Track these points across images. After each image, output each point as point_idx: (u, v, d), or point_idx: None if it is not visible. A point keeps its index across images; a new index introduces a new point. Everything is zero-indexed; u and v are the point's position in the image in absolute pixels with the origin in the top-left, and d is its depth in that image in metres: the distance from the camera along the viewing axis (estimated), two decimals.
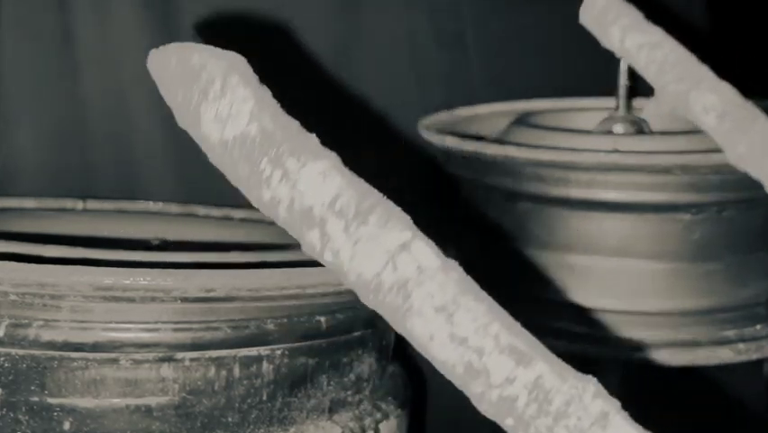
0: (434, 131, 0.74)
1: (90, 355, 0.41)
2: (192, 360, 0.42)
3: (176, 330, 0.41)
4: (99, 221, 0.68)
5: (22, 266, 0.39)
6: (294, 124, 0.32)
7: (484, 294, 0.29)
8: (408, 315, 0.28)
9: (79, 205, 0.73)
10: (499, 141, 0.73)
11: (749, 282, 0.64)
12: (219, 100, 0.32)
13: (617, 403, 0.26)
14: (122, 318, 0.41)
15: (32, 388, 0.41)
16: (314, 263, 0.50)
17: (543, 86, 0.87)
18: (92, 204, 0.74)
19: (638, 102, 0.77)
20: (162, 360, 0.42)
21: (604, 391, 0.27)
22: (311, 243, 0.30)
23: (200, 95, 0.32)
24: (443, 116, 0.82)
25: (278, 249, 0.54)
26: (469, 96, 0.90)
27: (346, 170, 0.31)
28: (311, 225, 0.30)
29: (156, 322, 0.41)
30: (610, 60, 0.71)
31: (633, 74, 0.74)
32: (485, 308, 0.28)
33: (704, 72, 0.52)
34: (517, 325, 0.28)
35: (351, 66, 0.88)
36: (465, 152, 0.68)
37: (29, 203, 0.73)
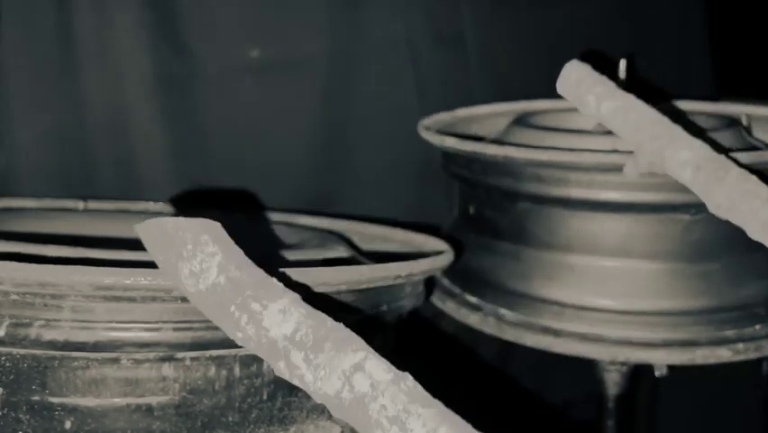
0: (434, 131, 0.74)
1: (91, 355, 0.41)
2: (192, 359, 0.42)
3: (176, 330, 0.41)
4: (100, 221, 0.68)
5: (24, 266, 0.39)
6: (258, 272, 0.38)
7: (433, 400, 0.32)
8: (369, 426, 0.32)
9: (80, 205, 0.73)
10: (499, 141, 0.73)
11: (748, 282, 0.64)
12: (192, 259, 0.38)
13: None
14: (122, 318, 0.41)
15: (34, 387, 0.41)
16: (313, 263, 0.50)
17: (542, 86, 0.87)
18: (93, 204, 0.74)
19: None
20: (163, 359, 0.42)
21: None
22: (281, 370, 0.36)
23: (176, 255, 0.38)
24: (442, 117, 0.82)
25: (278, 249, 0.54)
26: (468, 97, 0.90)
27: (304, 305, 0.36)
28: (278, 357, 0.36)
29: (157, 322, 0.41)
30: (610, 61, 0.71)
31: (632, 74, 0.75)
32: (434, 412, 0.32)
33: (677, 131, 0.56)
34: (466, 424, 0.31)
35: (350, 66, 0.88)
36: (465, 152, 0.68)
37: (30, 203, 0.73)
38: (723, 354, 0.61)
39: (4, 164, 0.79)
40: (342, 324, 0.36)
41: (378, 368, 0.34)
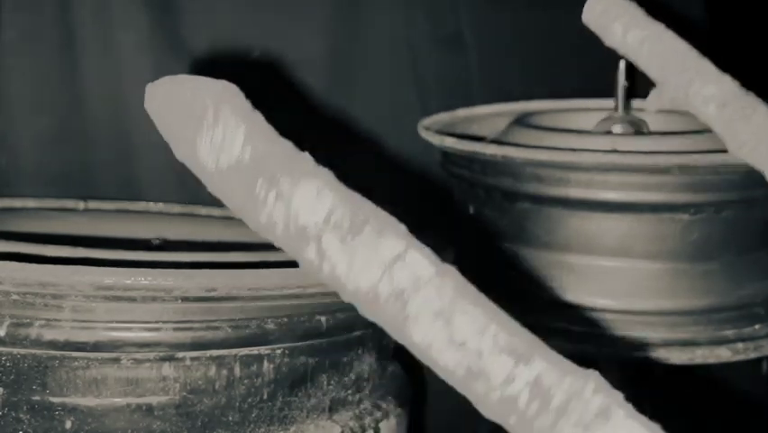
0: (434, 132, 0.74)
1: (91, 355, 0.41)
2: (193, 359, 0.42)
3: (177, 330, 0.41)
4: (100, 221, 0.68)
5: (24, 266, 0.39)
6: (287, 145, 0.32)
7: (481, 296, 0.29)
8: (406, 323, 0.29)
9: (80, 205, 0.73)
10: (498, 141, 0.73)
11: (747, 282, 0.64)
12: (212, 129, 0.32)
13: (619, 396, 0.26)
14: (123, 318, 0.41)
15: (34, 387, 0.41)
16: None
17: (542, 86, 0.87)
18: (93, 204, 0.74)
19: (637, 102, 0.77)
20: (163, 359, 0.42)
21: (605, 385, 0.27)
22: (308, 259, 0.31)
23: (194, 126, 0.33)
24: (442, 117, 0.82)
25: (279, 249, 0.54)
26: (468, 97, 0.90)
27: (340, 185, 0.31)
28: (307, 242, 0.31)
29: (157, 321, 0.41)
30: (609, 61, 0.71)
31: (631, 74, 0.75)
32: (482, 310, 0.28)
33: (705, 65, 0.53)
34: (516, 324, 0.28)
35: (350, 67, 0.89)
36: (464, 152, 0.68)
37: (30, 203, 0.73)
38: (722, 354, 0.62)
39: (4, 164, 0.79)
40: (382, 210, 0.31)
41: (421, 259, 0.29)
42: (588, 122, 0.75)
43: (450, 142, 0.69)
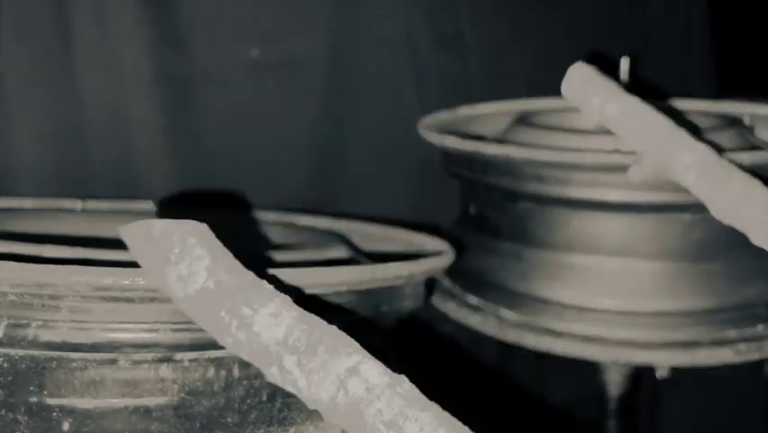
0: (434, 131, 0.73)
1: (89, 356, 0.41)
2: (191, 360, 0.42)
3: (175, 331, 0.41)
4: (98, 221, 0.68)
5: (21, 266, 0.39)
6: (247, 274, 0.37)
7: (430, 403, 0.32)
8: (365, 431, 0.32)
9: (78, 205, 0.73)
10: (499, 140, 0.73)
11: (750, 282, 0.64)
12: (179, 263, 0.37)
13: None
14: (121, 319, 0.41)
15: (31, 388, 0.41)
16: (313, 264, 0.50)
17: (543, 85, 0.87)
18: (91, 204, 0.74)
19: None
20: (161, 360, 0.42)
21: None
22: (273, 376, 0.35)
23: (163, 259, 0.37)
24: (442, 116, 0.82)
25: (278, 249, 0.54)
26: (468, 96, 0.90)
27: (296, 308, 0.36)
28: (270, 362, 0.35)
29: (155, 322, 0.41)
30: (609, 61, 0.71)
31: (632, 73, 0.74)
32: (431, 416, 0.31)
33: (682, 135, 0.56)
34: (464, 427, 0.31)
35: (350, 66, 0.88)
36: (465, 151, 0.68)
37: (28, 203, 0.73)
38: (725, 355, 0.61)
39: (4, 164, 0.79)
40: (335, 327, 0.35)
41: (373, 371, 0.33)
42: (589, 121, 0.74)
43: (450, 142, 0.68)
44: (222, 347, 0.40)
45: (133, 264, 0.40)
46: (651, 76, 0.91)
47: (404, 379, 0.33)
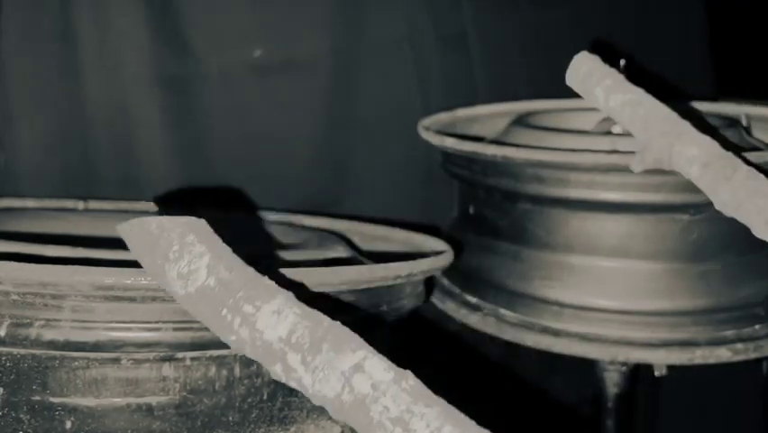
0: (434, 132, 0.74)
1: (91, 355, 0.41)
2: (193, 359, 0.42)
3: (176, 330, 0.41)
4: (100, 221, 0.68)
5: (24, 266, 0.39)
6: (248, 271, 0.36)
7: (436, 399, 0.31)
8: (371, 428, 0.32)
9: (80, 205, 0.73)
10: (499, 141, 0.73)
11: (747, 282, 0.64)
12: (179, 260, 0.36)
13: None
14: (123, 318, 0.41)
15: (34, 387, 0.41)
16: (313, 263, 0.50)
17: (542, 86, 0.87)
18: (93, 204, 0.74)
19: None
20: (163, 359, 0.42)
21: None
22: (277, 374, 0.35)
23: (162, 257, 0.37)
24: (442, 117, 0.82)
25: (279, 249, 0.54)
26: (471, 97, 0.90)
27: (299, 304, 0.35)
28: (274, 360, 0.34)
29: (157, 322, 0.41)
30: (610, 61, 0.71)
31: (632, 75, 0.75)
32: (437, 412, 0.31)
33: (686, 127, 0.55)
34: (471, 423, 0.31)
35: (352, 66, 0.88)
36: (465, 152, 0.68)
37: (30, 203, 0.73)
38: (722, 354, 0.62)
39: (4, 164, 0.79)
40: (339, 323, 0.35)
41: (378, 368, 0.33)
42: (588, 122, 0.75)
43: (450, 143, 0.69)
44: (224, 346, 0.40)
45: (135, 264, 0.40)
46: (649, 77, 0.91)
47: (409, 374, 0.33)
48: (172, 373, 0.42)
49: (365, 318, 0.49)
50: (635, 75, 0.75)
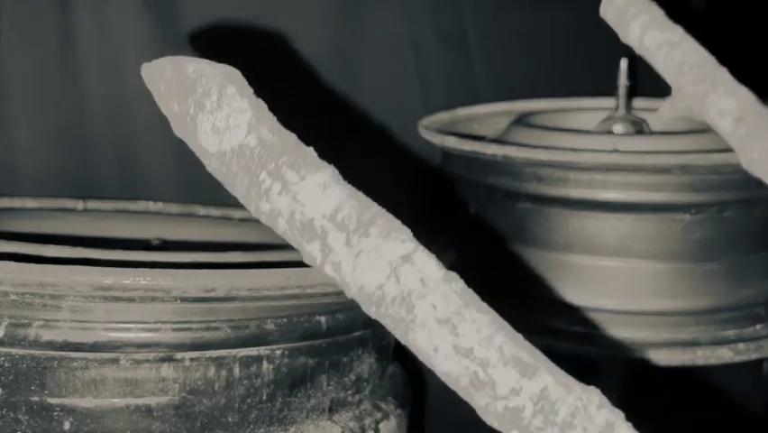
0: (434, 131, 0.74)
1: (90, 355, 0.41)
2: (192, 360, 0.42)
3: (176, 330, 0.41)
4: (99, 221, 0.68)
5: (23, 266, 0.39)
6: (292, 137, 0.31)
7: (487, 306, 0.28)
8: (412, 327, 0.28)
9: (79, 205, 0.73)
10: (499, 141, 0.73)
11: (749, 282, 0.64)
12: (216, 112, 0.31)
13: (621, 414, 0.26)
14: (122, 318, 0.41)
15: (33, 388, 0.41)
16: None
17: (543, 86, 0.87)
18: (92, 204, 0.74)
19: (638, 102, 0.77)
20: (162, 360, 0.42)
21: (608, 402, 0.27)
22: (312, 254, 0.30)
23: (197, 106, 0.32)
24: (443, 116, 0.82)
25: (278, 249, 0.54)
26: (472, 96, 0.90)
27: (345, 183, 0.31)
28: (312, 237, 0.30)
29: (156, 322, 0.41)
30: (610, 60, 0.71)
31: (632, 74, 0.75)
32: (489, 319, 0.28)
33: (723, 75, 0.51)
34: (521, 336, 0.28)
35: (352, 66, 0.88)
36: (465, 151, 0.68)
37: (29, 203, 0.73)
38: (724, 355, 0.61)
39: (5, 164, 0.79)
40: (385, 211, 0.31)
41: (429, 263, 0.29)
42: (589, 121, 0.75)
43: (450, 142, 0.68)
44: (223, 347, 0.40)
45: (135, 264, 0.40)
46: (650, 76, 0.91)
47: (458, 278, 0.29)
48: (171, 373, 0.42)
49: (366, 318, 0.49)
50: (636, 75, 0.75)
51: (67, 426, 0.41)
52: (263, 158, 0.31)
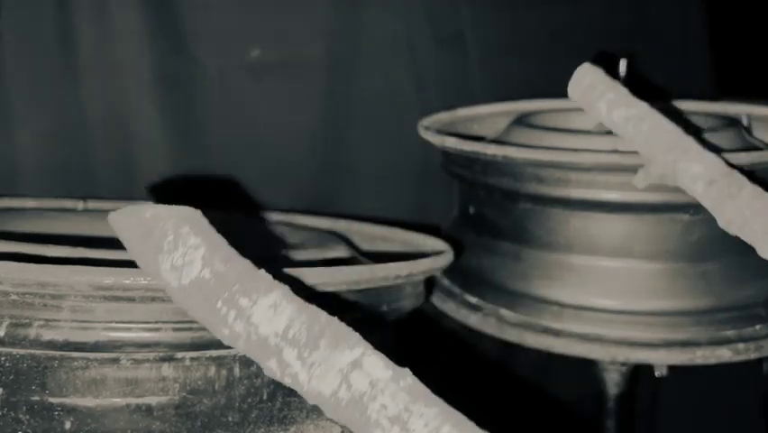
0: (434, 131, 0.74)
1: (91, 355, 0.41)
2: (192, 359, 0.42)
3: (176, 330, 0.41)
4: (99, 221, 0.68)
5: (23, 266, 0.39)
6: (244, 263, 0.35)
7: (435, 398, 0.31)
8: (367, 427, 0.31)
9: (80, 205, 0.73)
10: (499, 141, 0.73)
11: (748, 282, 0.64)
12: (173, 251, 0.35)
13: None
14: (122, 318, 0.41)
15: (33, 387, 0.41)
16: (313, 263, 0.50)
17: (542, 86, 0.87)
18: (92, 204, 0.74)
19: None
20: (163, 359, 0.42)
21: None
22: (271, 369, 0.34)
23: (156, 247, 0.36)
24: (442, 117, 0.82)
25: (278, 249, 0.54)
26: (469, 97, 0.90)
27: (296, 299, 0.34)
28: (269, 355, 0.33)
29: (156, 322, 0.41)
30: (610, 61, 0.71)
31: (631, 74, 0.75)
32: (436, 412, 0.30)
33: (689, 143, 0.55)
34: (470, 424, 0.30)
35: (350, 66, 0.88)
36: (465, 152, 0.68)
37: (29, 203, 0.73)
38: (723, 355, 0.61)
39: (5, 164, 0.79)
40: (336, 318, 0.34)
41: (377, 365, 0.32)
42: (588, 122, 0.75)
43: (450, 143, 0.68)
44: (223, 346, 0.40)
45: (135, 264, 0.40)
46: (649, 76, 0.91)
47: (407, 372, 0.32)
48: (172, 373, 0.42)
49: (365, 319, 0.49)
50: (635, 75, 0.75)
51: (67, 425, 0.41)
52: (218, 288, 0.35)
